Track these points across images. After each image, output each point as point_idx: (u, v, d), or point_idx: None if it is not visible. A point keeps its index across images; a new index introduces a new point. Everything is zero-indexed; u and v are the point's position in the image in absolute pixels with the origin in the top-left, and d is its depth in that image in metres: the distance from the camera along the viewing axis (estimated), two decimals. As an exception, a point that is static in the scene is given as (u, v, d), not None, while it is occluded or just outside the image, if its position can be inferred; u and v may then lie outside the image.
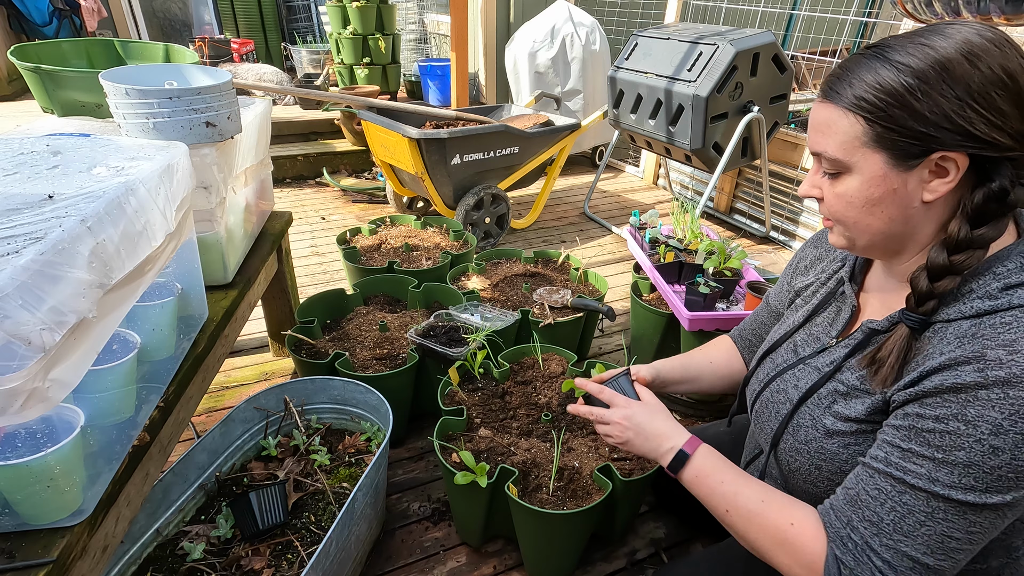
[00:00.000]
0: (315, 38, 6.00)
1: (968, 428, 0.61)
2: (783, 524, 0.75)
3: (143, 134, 1.16)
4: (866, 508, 0.68)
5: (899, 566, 0.65)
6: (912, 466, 0.65)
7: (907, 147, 0.64)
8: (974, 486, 0.61)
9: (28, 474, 0.71)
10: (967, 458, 0.61)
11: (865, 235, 0.73)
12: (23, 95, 4.40)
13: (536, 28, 3.72)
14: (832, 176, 0.72)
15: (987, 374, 0.60)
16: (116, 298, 0.80)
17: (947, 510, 0.63)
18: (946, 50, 0.61)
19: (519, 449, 1.31)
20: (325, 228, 3.18)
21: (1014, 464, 0.59)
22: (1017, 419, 0.58)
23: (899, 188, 0.67)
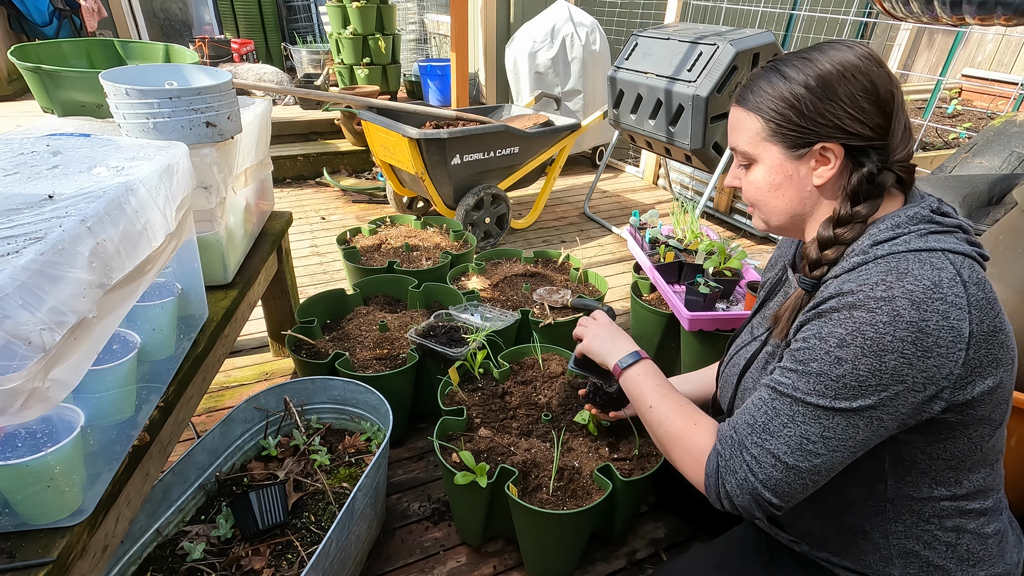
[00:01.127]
0: (315, 38, 6.00)
1: (820, 343, 0.73)
2: (688, 423, 0.89)
3: (143, 134, 1.16)
4: (748, 413, 0.80)
5: (763, 461, 0.76)
6: (784, 378, 0.77)
7: (795, 139, 0.79)
8: (824, 392, 0.72)
9: (28, 474, 0.71)
10: (818, 368, 0.73)
11: (774, 215, 0.87)
12: (23, 95, 4.40)
13: (536, 28, 3.72)
14: (746, 167, 0.87)
15: (841, 301, 0.73)
16: (116, 298, 0.80)
17: (805, 413, 0.74)
18: (824, 65, 0.76)
19: (519, 449, 1.31)
20: (325, 228, 3.18)
21: (855, 374, 0.70)
22: (857, 334, 0.70)
23: (793, 174, 0.82)
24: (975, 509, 0.82)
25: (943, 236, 0.75)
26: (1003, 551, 0.85)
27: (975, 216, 1.84)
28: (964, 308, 0.69)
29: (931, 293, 0.68)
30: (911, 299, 0.68)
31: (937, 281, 0.69)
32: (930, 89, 5.62)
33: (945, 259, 0.72)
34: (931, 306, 0.68)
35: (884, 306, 0.69)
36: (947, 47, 5.75)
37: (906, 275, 0.70)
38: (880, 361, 0.69)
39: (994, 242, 1.41)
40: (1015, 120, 2.22)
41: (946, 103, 5.47)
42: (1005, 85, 5.49)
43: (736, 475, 0.78)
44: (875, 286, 0.70)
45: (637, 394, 0.99)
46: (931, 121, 4.68)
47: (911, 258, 0.72)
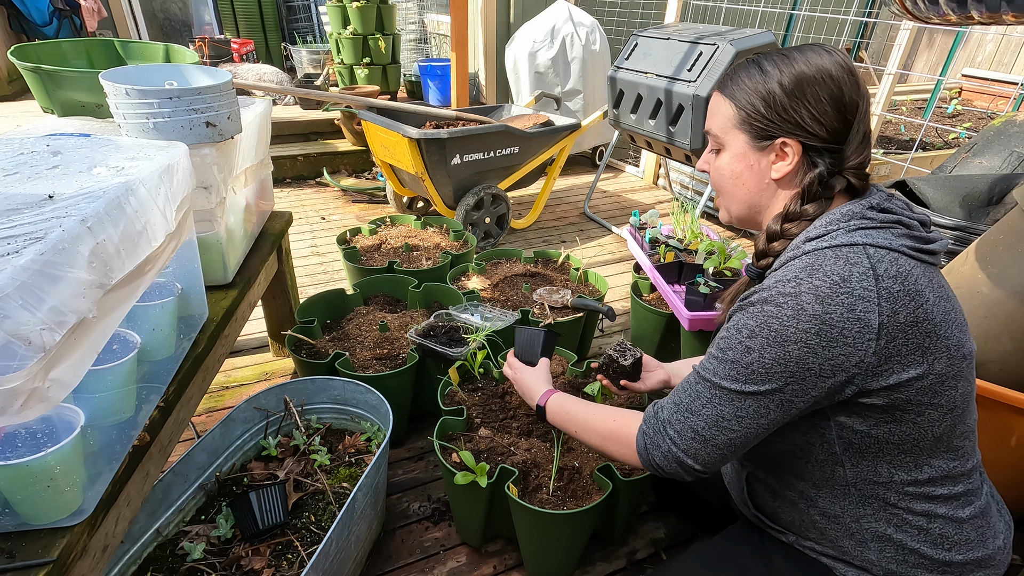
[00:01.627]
0: (315, 38, 6.00)
1: (736, 333, 0.80)
2: (608, 422, 0.98)
3: (143, 134, 1.16)
4: (676, 394, 0.88)
5: (685, 435, 0.84)
6: (707, 363, 0.84)
7: (760, 130, 0.84)
8: (736, 377, 0.79)
9: (28, 474, 0.71)
10: (733, 356, 0.80)
11: (733, 203, 0.92)
12: (23, 95, 4.40)
13: (536, 28, 3.72)
14: (716, 153, 0.92)
15: (757, 296, 0.79)
16: (116, 298, 0.80)
17: (720, 395, 0.81)
18: (799, 66, 0.81)
19: (519, 449, 1.31)
20: (325, 228, 3.18)
21: (762, 362, 0.76)
22: (764, 327, 0.76)
23: (754, 164, 0.87)
24: (943, 495, 0.84)
25: (872, 231, 0.78)
26: (983, 536, 0.86)
27: (975, 216, 1.84)
28: (873, 301, 0.73)
29: (837, 288, 0.73)
30: (816, 294, 0.73)
31: (846, 276, 0.74)
32: (930, 89, 5.62)
33: (863, 253, 0.76)
34: (835, 299, 0.73)
35: (790, 301, 0.75)
36: (947, 47, 5.75)
37: (817, 271, 0.75)
38: (784, 350, 0.75)
39: (994, 242, 1.41)
40: (1015, 120, 2.22)
41: (946, 103, 5.47)
42: (1005, 85, 5.49)
43: (660, 448, 0.87)
44: (787, 282, 0.76)
45: (561, 427, 1.10)
46: (931, 121, 4.68)
47: (828, 254, 0.77)
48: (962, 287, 1.42)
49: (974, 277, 1.40)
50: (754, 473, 0.99)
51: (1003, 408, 1.31)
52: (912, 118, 4.57)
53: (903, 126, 4.81)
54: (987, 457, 1.40)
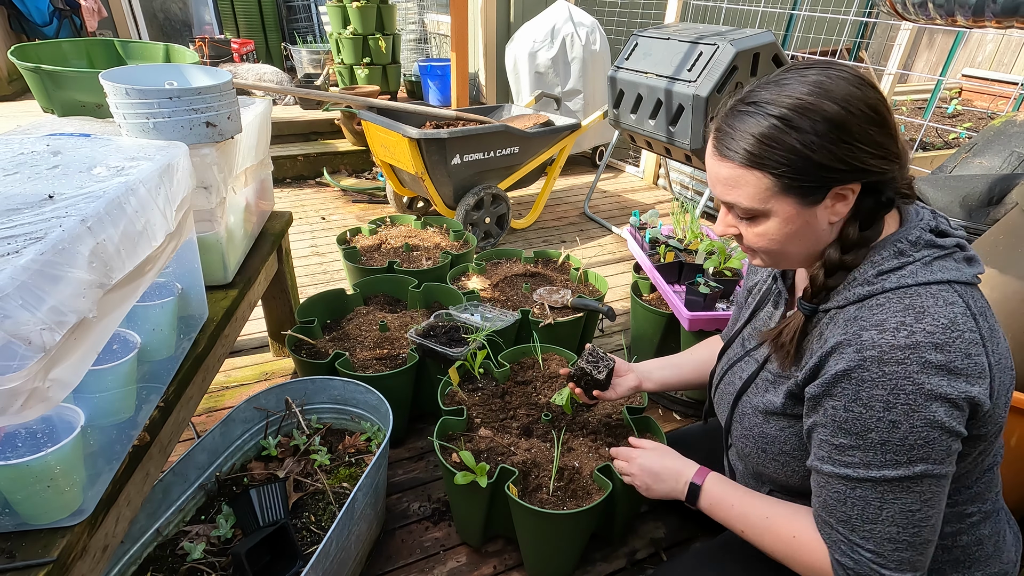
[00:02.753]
0: (315, 38, 6.00)
1: (867, 411, 0.70)
2: (787, 538, 0.83)
3: (143, 134, 1.16)
4: (836, 510, 0.76)
5: (884, 551, 0.72)
6: (847, 458, 0.73)
7: (812, 190, 0.73)
8: (897, 460, 0.69)
9: (28, 474, 0.71)
10: (879, 437, 0.70)
11: (787, 260, 0.82)
12: (23, 95, 4.40)
13: (536, 28, 3.72)
14: (748, 219, 0.79)
15: (864, 355, 0.69)
16: (116, 298, 0.80)
17: (891, 488, 0.71)
18: (830, 106, 0.70)
19: (519, 449, 1.31)
20: (325, 228, 3.18)
21: (915, 431, 0.68)
22: (899, 391, 0.67)
23: (810, 220, 0.76)
24: (972, 512, 0.82)
25: (946, 261, 0.74)
26: (999, 550, 0.85)
27: (975, 216, 1.84)
28: (979, 343, 0.69)
29: (950, 333, 0.68)
30: (933, 343, 0.67)
31: (952, 319, 0.68)
32: (930, 89, 5.62)
33: (954, 293, 0.71)
34: (953, 347, 0.67)
35: (911, 353, 0.67)
36: (947, 47, 5.75)
37: (924, 315, 0.69)
38: (930, 410, 0.67)
39: (994, 242, 1.41)
40: (1015, 120, 2.22)
41: (946, 103, 5.47)
42: (1005, 85, 5.49)
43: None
44: (896, 331, 0.69)
45: (721, 521, 0.95)
46: (931, 121, 4.68)
47: (923, 294, 0.71)
48: (962, 287, 1.42)
49: (974, 277, 1.39)
50: (778, 493, 0.95)
51: (1003, 408, 1.31)
52: (912, 118, 4.57)
53: (903, 126, 4.81)
54: (987, 457, 1.40)
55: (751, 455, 0.93)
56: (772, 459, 0.89)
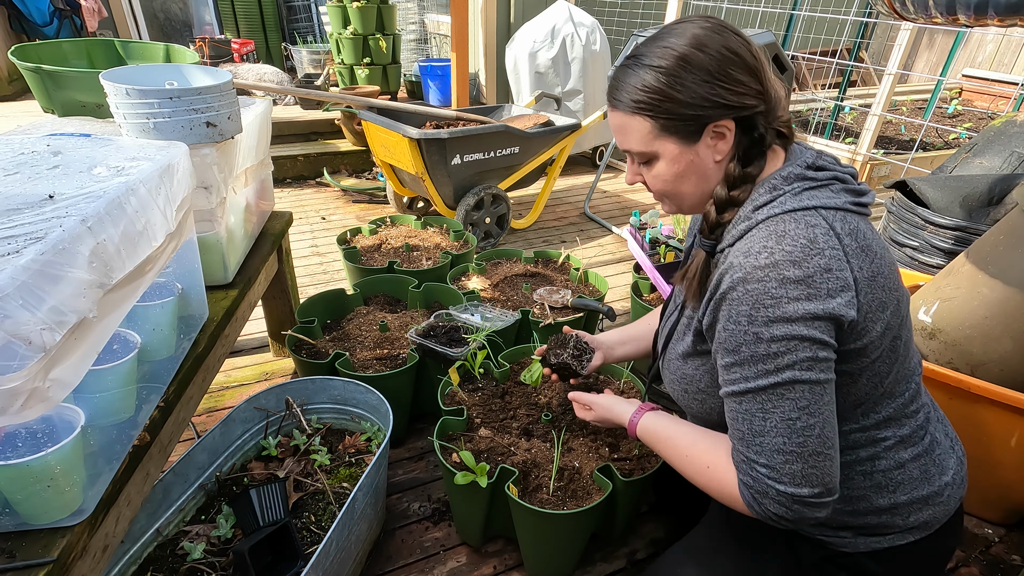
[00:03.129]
0: (315, 38, 6.00)
1: (736, 326, 0.76)
2: (703, 469, 0.88)
3: (143, 134, 1.16)
4: (733, 429, 0.82)
5: (775, 463, 0.77)
6: (731, 376, 0.79)
7: (686, 128, 0.80)
8: (766, 369, 0.75)
9: (28, 474, 0.71)
10: (749, 351, 0.76)
11: (685, 200, 0.88)
12: (24, 95, 4.40)
13: (536, 28, 3.72)
14: (645, 164, 0.87)
15: (733, 278, 0.77)
16: (116, 298, 0.80)
17: (768, 398, 0.76)
18: (681, 47, 0.77)
19: (519, 449, 1.31)
20: (325, 228, 3.18)
21: (776, 341, 0.73)
22: (759, 305, 0.74)
23: (695, 159, 0.82)
24: (887, 437, 0.87)
25: (817, 191, 0.80)
26: (927, 474, 0.89)
27: (975, 216, 1.84)
28: (842, 258, 0.74)
29: (808, 250, 0.74)
30: (791, 259, 0.73)
31: (812, 238, 0.74)
32: (930, 89, 5.62)
33: (818, 216, 0.77)
34: (811, 262, 0.73)
35: (770, 272, 0.74)
36: (947, 47, 5.75)
37: (784, 237, 0.75)
38: (788, 321, 0.73)
39: (994, 242, 1.41)
40: (1015, 120, 2.22)
41: (946, 103, 5.47)
42: (1005, 85, 5.49)
43: (767, 495, 0.77)
44: (758, 254, 0.75)
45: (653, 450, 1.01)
46: (931, 121, 4.68)
47: (787, 219, 0.77)
48: (963, 287, 1.42)
49: (974, 277, 1.40)
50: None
51: (1003, 408, 1.31)
52: (912, 118, 4.57)
53: (903, 126, 4.81)
54: (987, 457, 1.41)
55: (679, 397, 1.00)
56: (693, 398, 0.96)
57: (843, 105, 4.52)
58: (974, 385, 1.32)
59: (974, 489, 1.47)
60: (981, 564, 1.40)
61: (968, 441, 1.41)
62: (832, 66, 3.08)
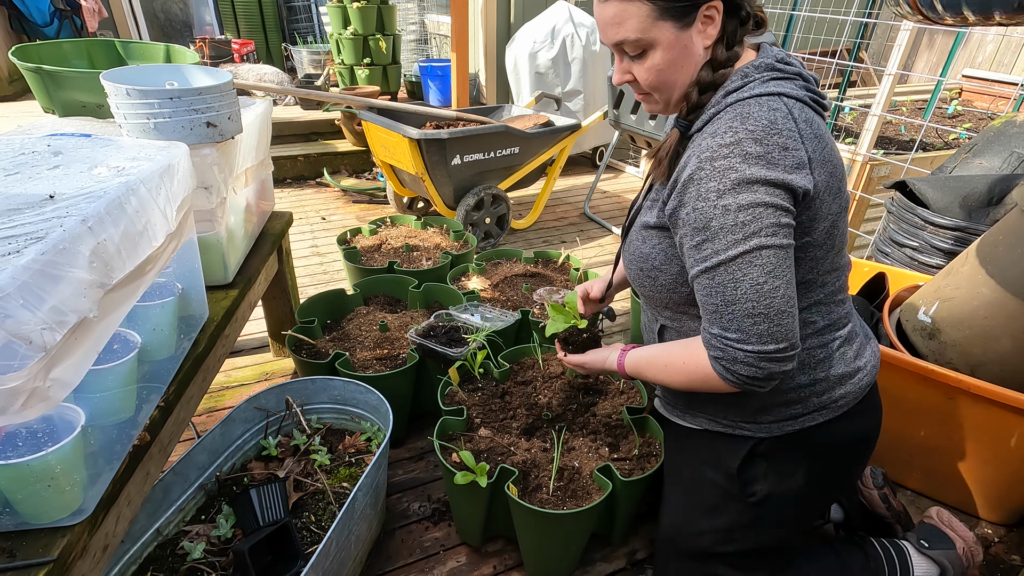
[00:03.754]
0: (316, 39, 6.00)
1: (704, 203, 0.82)
2: (681, 367, 0.95)
3: (144, 134, 1.16)
4: (706, 307, 0.87)
5: (744, 327, 0.83)
6: (703, 253, 0.85)
7: (683, 11, 0.83)
8: (737, 239, 0.81)
9: (29, 473, 0.71)
10: (717, 224, 0.82)
11: (675, 90, 0.90)
12: (24, 95, 4.40)
13: (536, 29, 3.72)
14: (638, 57, 0.88)
15: (700, 157, 0.83)
16: (117, 298, 0.80)
17: (739, 267, 0.82)
18: None
19: (519, 449, 1.31)
20: (325, 228, 3.18)
21: (742, 210, 0.80)
22: (725, 180, 0.80)
23: (688, 44, 0.86)
24: (816, 320, 0.96)
25: (783, 82, 0.86)
26: (844, 356, 0.99)
27: (975, 216, 1.84)
28: (797, 139, 0.82)
29: (768, 130, 0.80)
30: (753, 137, 0.80)
31: (772, 120, 0.81)
32: (930, 90, 5.62)
33: (780, 101, 0.84)
34: (770, 140, 0.80)
35: (734, 149, 0.80)
36: (947, 47, 5.75)
37: (747, 118, 0.82)
38: (752, 191, 0.80)
39: (994, 242, 1.41)
40: (1015, 121, 2.22)
41: (946, 104, 5.47)
42: (1005, 86, 5.49)
43: (736, 360, 0.85)
44: (724, 134, 0.81)
45: (643, 378, 1.08)
46: (931, 121, 4.68)
47: (752, 103, 0.83)
48: (962, 287, 1.42)
49: (974, 277, 1.40)
50: (667, 317, 1.07)
51: (1003, 408, 1.31)
52: (912, 119, 4.57)
53: (903, 127, 4.82)
54: (987, 456, 1.41)
55: (636, 279, 1.05)
56: (647, 276, 1.01)
57: (843, 105, 4.52)
58: (974, 385, 1.32)
59: (974, 489, 1.48)
60: (981, 564, 1.40)
61: (968, 441, 1.41)
62: (832, 66, 3.08)
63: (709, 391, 0.93)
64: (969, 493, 1.48)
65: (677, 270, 0.96)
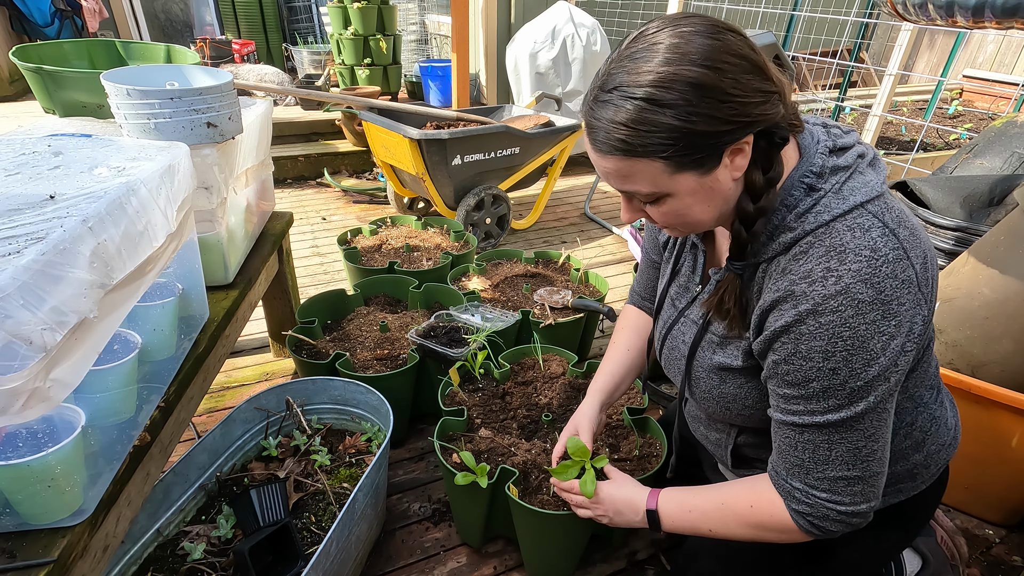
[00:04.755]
0: (316, 39, 6.01)
1: (807, 362, 0.71)
2: (746, 512, 0.84)
3: (144, 134, 1.16)
4: (788, 456, 0.78)
5: (837, 489, 0.75)
6: (794, 407, 0.75)
7: (706, 159, 0.69)
8: (840, 404, 0.71)
9: (29, 474, 0.71)
10: (820, 386, 0.71)
11: (702, 225, 0.78)
12: (25, 96, 4.40)
13: (537, 29, 3.72)
14: (652, 203, 0.76)
15: (799, 309, 0.70)
16: (117, 298, 0.80)
17: (836, 431, 0.73)
18: (692, 71, 0.64)
19: (519, 450, 1.31)
20: (326, 228, 3.18)
21: (853, 374, 0.69)
22: (836, 339, 0.68)
23: (714, 184, 0.72)
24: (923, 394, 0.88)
25: (854, 181, 0.73)
26: (945, 419, 0.92)
27: (976, 216, 1.84)
28: (904, 258, 0.69)
29: (873, 262, 0.67)
30: (861, 279, 0.67)
31: (872, 245, 0.68)
32: (931, 90, 5.62)
33: (868, 215, 0.71)
34: (879, 274, 0.67)
35: (843, 299, 0.67)
36: (948, 48, 5.75)
37: (846, 254, 0.68)
38: (868, 351, 0.68)
39: (995, 243, 1.41)
40: (1016, 121, 2.22)
41: (947, 104, 5.47)
42: (1006, 86, 5.49)
43: (829, 518, 0.77)
44: (824, 281, 0.68)
45: (687, 532, 0.93)
46: (932, 122, 4.68)
47: (840, 229, 0.70)
48: (963, 287, 1.42)
49: (975, 278, 1.40)
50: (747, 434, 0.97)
51: (1003, 409, 1.31)
52: (913, 119, 4.57)
53: (904, 127, 4.81)
54: (988, 457, 1.41)
55: (715, 413, 0.94)
56: (737, 415, 0.90)
57: (844, 106, 4.52)
58: (975, 386, 1.32)
59: (974, 490, 1.47)
60: (982, 565, 1.40)
61: (969, 441, 1.40)
62: (833, 67, 3.09)
63: (774, 541, 0.84)
64: (970, 494, 1.48)
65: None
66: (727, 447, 0.99)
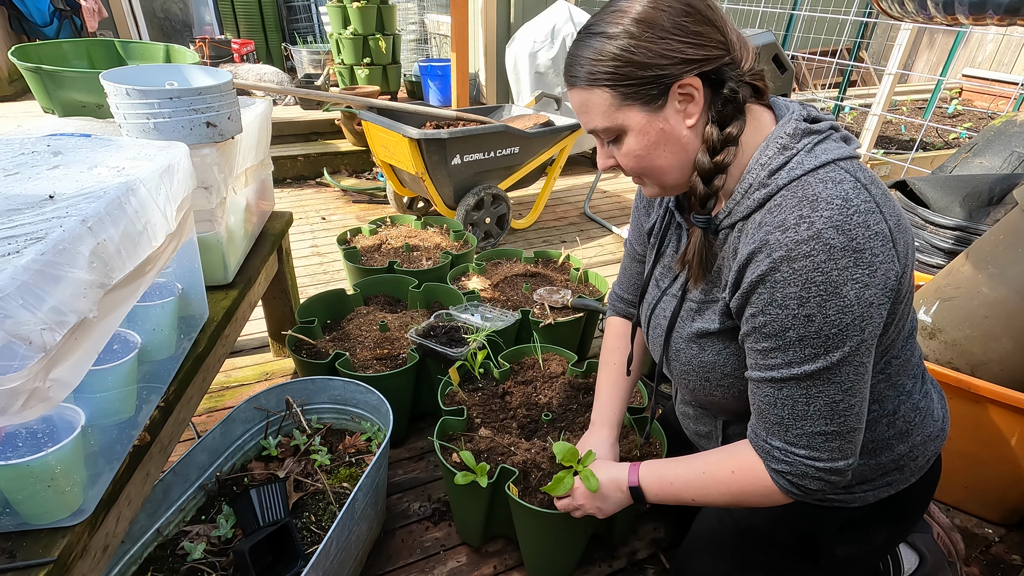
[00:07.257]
0: (315, 38, 6.00)
1: (782, 310, 0.71)
2: (727, 477, 0.85)
3: (144, 134, 1.16)
4: (768, 415, 0.79)
5: (815, 445, 0.76)
6: (770, 361, 0.76)
7: (649, 92, 0.74)
8: (816, 353, 0.72)
9: (29, 474, 0.71)
10: (796, 334, 0.72)
11: (666, 175, 0.81)
12: (24, 95, 4.40)
13: (536, 28, 3.72)
14: (615, 142, 0.81)
15: (773, 257, 0.71)
16: (117, 298, 0.80)
17: (813, 383, 0.73)
18: (634, 7, 0.72)
19: (519, 449, 1.31)
20: (325, 228, 3.18)
21: (828, 321, 0.69)
22: (809, 284, 0.69)
23: (665, 126, 0.76)
24: (905, 383, 0.88)
25: (826, 144, 0.76)
26: (931, 411, 0.93)
27: (975, 216, 1.84)
28: (875, 210, 0.70)
29: (845, 210, 0.69)
30: (832, 225, 0.68)
31: (844, 195, 0.70)
32: (931, 89, 5.62)
33: (840, 170, 0.73)
34: (851, 221, 0.68)
35: (815, 244, 0.68)
36: (948, 47, 5.75)
37: (817, 201, 0.70)
38: (841, 298, 0.69)
39: (994, 242, 1.41)
40: (1015, 120, 2.22)
41: (946, 103, 5.47)
42: (1005, 85, 5.49)
43: (808, 475, 0.78)
44: (797, 226, 0.70)
45: (672, 502, 0.94)
46: (931, 121, 4.68)
47: (811, 181, 0.72)
48: (963, 287, 1.42)
49: (975, 277, 1.40)
50: (733, 424, 0.98)
51: (1003, 408, 1.31)
52: (912, 118, 4.57)
53: (903, 126, 4.81)
54: (987, 456, 1.41)
55: (697, 388, 0.94)
56: (716, 386, 0.90)
57: (843, 105, 4.52)
58: (974, 385, 1.32)
59: (974, 488, 1.48)
60: (981, 564, 1.40)
61: (968, 441, 1.41)
62: (832, 66, 3.08)
63: (755, 505, 0.85)
64: (969, 492, 1.48)
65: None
66: (717, 439, 1.01)
